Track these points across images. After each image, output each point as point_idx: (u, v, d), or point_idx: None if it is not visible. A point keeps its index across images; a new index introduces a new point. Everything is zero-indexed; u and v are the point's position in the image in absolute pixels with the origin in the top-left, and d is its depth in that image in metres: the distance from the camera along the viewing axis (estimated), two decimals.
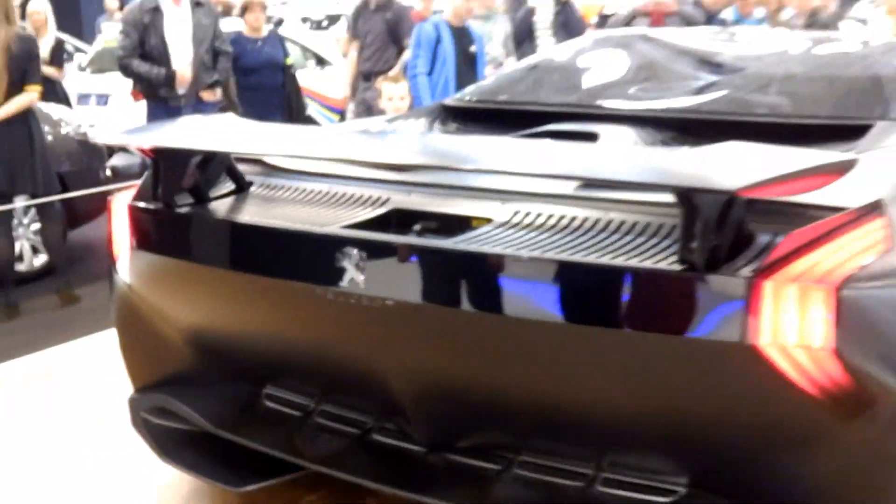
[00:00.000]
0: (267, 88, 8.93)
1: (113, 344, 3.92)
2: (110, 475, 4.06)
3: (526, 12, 9.92)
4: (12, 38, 6.48)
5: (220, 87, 7.67)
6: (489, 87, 4.58)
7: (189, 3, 7.45)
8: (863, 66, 4.41)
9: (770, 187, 2.40)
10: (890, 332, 2.54)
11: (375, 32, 9.47)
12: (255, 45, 8.90)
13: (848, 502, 2.67)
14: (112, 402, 4.39)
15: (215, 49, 7.63)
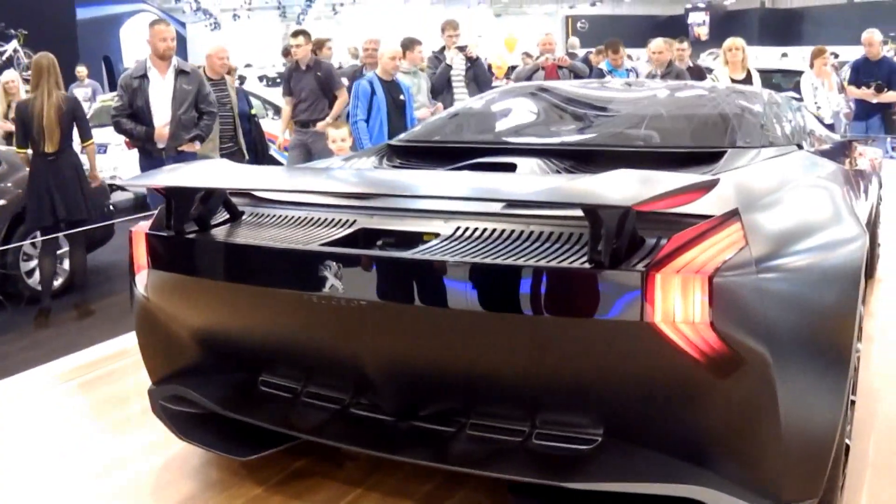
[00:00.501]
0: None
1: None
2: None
3: (444, 67, 9.96)
4: (62, 99, 7.33)
5: (201, 140, 7.58)
6: (424, 131, 4.64)
7: (174, 71, 7.39)
8: (712, 105, 4.55)
9: (656, 202, 2.53)
10: (750, 307, 2.65)
11: (309, 88, 9.42)
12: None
13: (727, 441, 2.78)
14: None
15: (199, 109, 7.56)
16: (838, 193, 3.75)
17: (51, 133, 7.22)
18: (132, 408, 4.55)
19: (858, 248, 3.21)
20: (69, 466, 3.98)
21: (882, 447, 3.97)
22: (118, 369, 5.22)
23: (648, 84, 6.57)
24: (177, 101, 7.34)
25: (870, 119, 10.41)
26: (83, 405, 4.71)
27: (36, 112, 7.17)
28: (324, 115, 9.39)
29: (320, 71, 9.57)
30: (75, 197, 7.43)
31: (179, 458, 3.97)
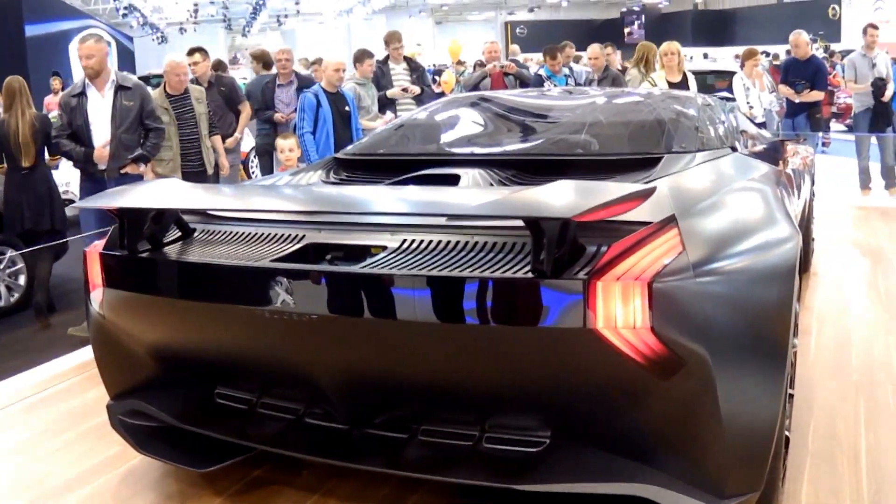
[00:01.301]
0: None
1: None
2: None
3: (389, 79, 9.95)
4: (35, 117, 7.41)
5: (145, 161, 7.06)
6: (370, 143, 4.64)
7: (113, 87, 6.90)
8: (649, 111, 4.59)
9: (596, 213, 2.56)
10: (688, 310, 2.70)
11: (214, 104, 9.09)
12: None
13: (671, 439, 2.83)
14: None
15: (145, 126, 7.05)
16: (771, 194, 3.81)
17: (27, 149, 7.35)
18: (90, 423, 4.51)
19: (792, 249, 3.27)
20: (29, 484, 3.94)
21: (820, 437, 4.04)
22: (75, 385, 5.17)
23: (586, 91, 6.63)
24: (116, 119, 6.84)
25: (796, 117, 10.56)
26: (41, 422, 4.64)
27: (12, 130, 7.30)
28: (231, 131, 9.27)
29: (223, 86, 9.45)
30: (49, 208, 7.56)
31: (139, 471, 3.95)
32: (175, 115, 8.02)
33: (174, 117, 7.98)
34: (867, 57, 10.59)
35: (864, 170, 10.81)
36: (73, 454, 4.19)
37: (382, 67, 9.96)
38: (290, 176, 4.33)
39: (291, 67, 9.83)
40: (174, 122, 7.97)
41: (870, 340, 5.39)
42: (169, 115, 7.90)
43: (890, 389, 4.58)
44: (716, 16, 45.46)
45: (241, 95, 9.70)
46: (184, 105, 8.15)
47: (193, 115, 8.19)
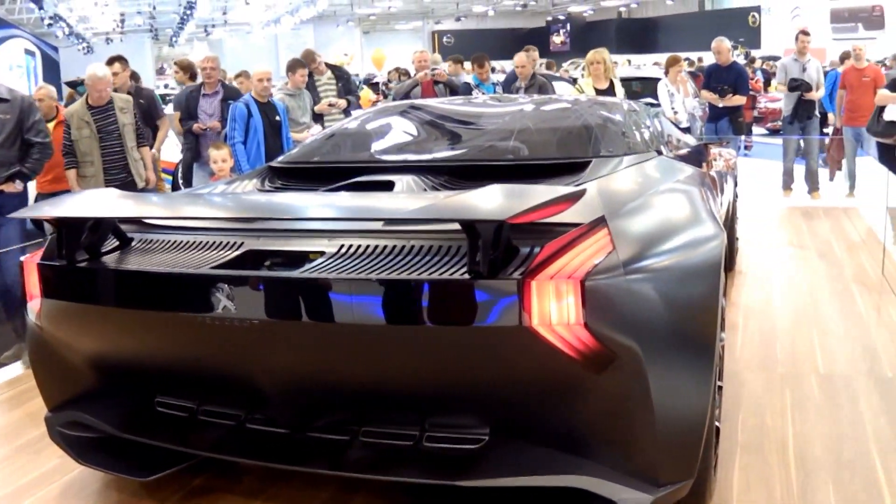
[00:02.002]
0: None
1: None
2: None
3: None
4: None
5: (23, 178, 6.58)
6: (303, 152, 4.64)
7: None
8: (576, 117, 4.66)
9: (529, 214, 2.63)
10: (620, 306, 2.78)
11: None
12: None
13: (606, 431, 2.90)
14: None
15: (26, 141, 6.57)
16: (696, 195, 3.90)
17: None
18: (24, 438, 4.45)
19: (717, 246, 3.37)
20: None
21: (748, 427, 4.16)
22: (4, 401, 5.09)
23: (515, 99, 6.70)
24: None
25: (719, 121, 10.77)
26: None
27: None
28: (151, 143, 8.77)
29: (142, 98, 8.96)
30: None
31: (78, 483, 3.92)
32: (97, 127, 7.75)
33: (95, 131, 7.73)
34: (798, 61, 10.85)
35: (788, 171, 11.09)
36: (8, 470, 4.13)
37: (308, 79, 10.00)
38: (224, 185, 4.33)
39: (217, 77, 9.37)
40: (95, 136, 7.72)
41: (793, 334, 5.54)
42: (90, 129, 7.70)
43: (814, 381, 4.72)
44: (639, 24, 46.09)
45: (161, 110, 9.45)
46: (107, 117, 7.85)
47: (117, 126, 7.86)
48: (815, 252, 7.90)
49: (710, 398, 3.08)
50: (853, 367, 4.94)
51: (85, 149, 7.75)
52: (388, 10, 45.53)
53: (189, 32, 44.03)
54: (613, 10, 47.16)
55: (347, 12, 46.17)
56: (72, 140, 7.76)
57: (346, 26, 48.86)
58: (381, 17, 49.57)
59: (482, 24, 49.67)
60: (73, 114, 7.84)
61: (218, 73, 9.41)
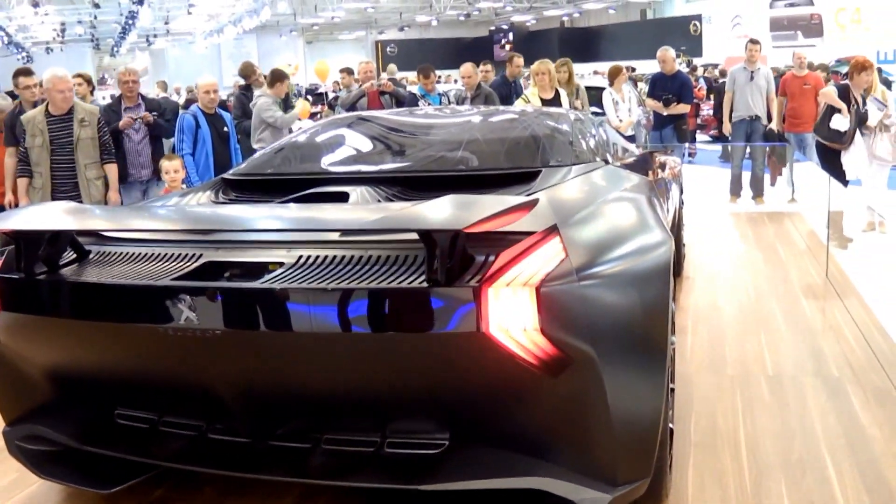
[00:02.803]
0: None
1: None
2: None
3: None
4: None
5: None
6: (256, 163, 4.62)
7: None
8: (525, 128, 4.70)
9: (484, 223, 2.70)
10: (574, 312, 2.85)
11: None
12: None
13: (564, 434, 2.97)
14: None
15: None
16: (644, 203, 3.98)
17: None
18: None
19: (665, 252, 3.45)
20: None
21: (701, 428, 4.26)
22: None
23: (463, 110, 6.75)
24: None
25: (664, 129, 10.93)
26: None
27: None
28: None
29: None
30: None
31: (39, 495, 3.91)
32: (50, 138, 7.37)
33: (48, 141, 7.35)
34: (747, 70, 11.03)
35: (736, 178, 11.27)
36: None
37: (246, 94, 10.04)
38: (178, 197, 4.33)
39: (138, 90, 8.61)
40: (47, 147, 7.34)
41: (742, 337, 5.67)
42: (42, 138, 7.34)
43: (763, 382, 4.84)
44: (582, 33, 46.46)
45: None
46: (63, 127, 7.42)
47: (70, 139, 7.41)
48: (760, 256, 8.06)
49: (664, 398, 3.16)
50: (800, 367, 5.07)
51: (35, 158, 7.44)
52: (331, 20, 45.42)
53: (131, 42, 43.67)
54: (556, 19, 47.49)
55: (290, 22, 46.05)
56: (26, 147, 7.45)
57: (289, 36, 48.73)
58: (324, 27, 49.47)
59: (425, 34, 49.79)
60: (30, 120, 7.47)
61: (139, 87, 8.74)
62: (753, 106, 10.96)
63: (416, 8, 45.00)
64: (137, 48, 47.29)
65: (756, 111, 10.97)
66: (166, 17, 40.76)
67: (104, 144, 7.61)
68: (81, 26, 40.72)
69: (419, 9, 44.98)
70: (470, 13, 44.88)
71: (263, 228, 3.37)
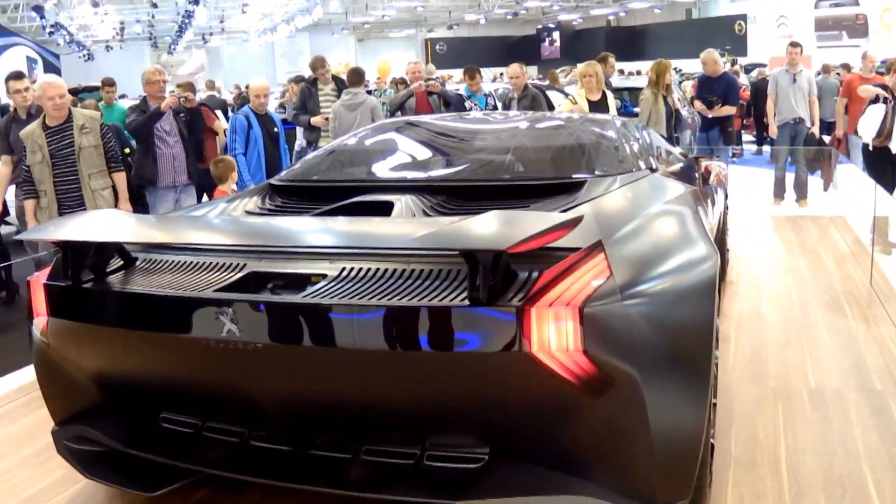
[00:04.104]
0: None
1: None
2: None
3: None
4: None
5: None
6: (303, 169, 4.61)
7: None
8: (571, 136, 4.65)
9: (528, 243, 2.63)
10: (617, 332, 2.77)
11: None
12: None
13: (604, 453, 2.90)
14: None
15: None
16: (690, 215, 3.89)
17: None
18: (28, 449, 4.44)
19: (711, 267, 3.35)
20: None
21: (741, 442, 4.15)
22: (8, 412, 5.07)
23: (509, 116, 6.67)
24: None
25: (710, 131, 10.79)
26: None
27: None
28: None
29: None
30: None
31: (84, 494, 3.92)
32: (50, 151, 6.66)
33: (48, 155, 6.65)
34: (789, 72, 10.86)
35: (780, 181, 11.08)
36: (14, 481, 4.13)
37: (311, 88, 9.96)
38: (225, 203, 4.31)
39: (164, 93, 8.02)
40: (48, 162, 6.65)
41: (784, 348, 5.53)
42: (42, 153, 6.65)
43: (805, 395, 4.71)
44: (628, 32, 46.13)
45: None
46: (62, 138, 6.72)
47: (71, 150, 6.72)
48: (804, 262, 7.90)
49: (706, 418, 3.08)
50: (843, 381, 4.93)
51: (38, 176, 6.71)
52: (381, 18, 45.46)
53: (187, 40, 44.02)
54: (602, 18, 47.26)
55: (342, 20, 46.14)
56: (28, 165, 6.79)
57: (340, 34, 48.83)
58: (374, 25, 49.54)
59: (474, 32, 49.72)
60: (28, 135, 6.78)
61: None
62: (797, 108, 10.79)
63: (464, 6, 44.90)
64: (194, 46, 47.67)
65: (799, 113, 10.82)
66: (221, 15, 41.04)
67: (110, 151, 6.95)
68: (140, 25, 41.11)
69: (468, 7, 44.89)
70: (517, 12, 44.71)
71: (307, 244, 3.32)
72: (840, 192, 11.04)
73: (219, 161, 7.58)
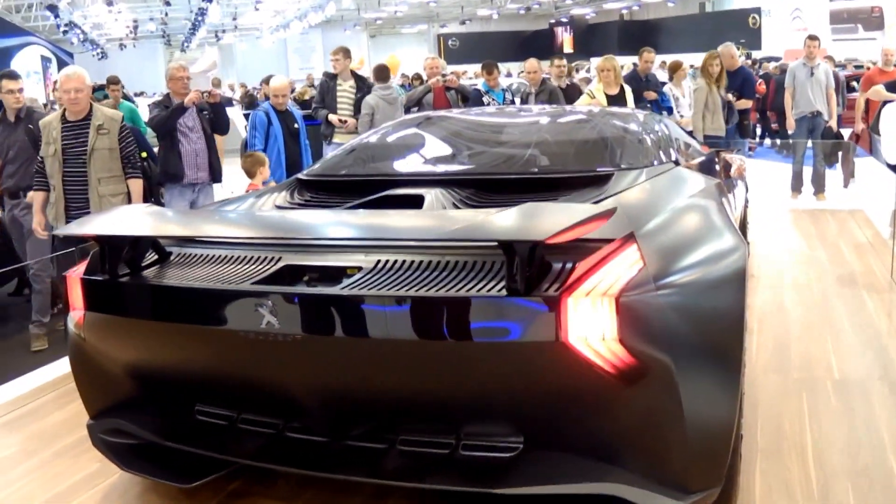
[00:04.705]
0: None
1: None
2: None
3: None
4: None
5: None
6: (330, 164, 4.65)
7: None
8: (595, 129, 4.68)
9: (565, 233, 2.67)
10: (652, 321, 2.81)
11: (18, 146, 7.15)
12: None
13: (638, 441, 2.94)
14: None
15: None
16: (716, 207, 3.93)
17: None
18: (63, 442, 4.49)
19: (740, 258, 3.39)
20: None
21: (768, 433, 4.18)
22: (41, 405, 5.12)
23: (533, 110, 6.70)
24: None
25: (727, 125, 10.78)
26: (11, 444, 4.60)
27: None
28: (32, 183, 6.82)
29: (31, 123, 7.09)
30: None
31: (119, 486, 3.96)
32: (63, 147, 6.39)
33: (60, 150, 6.39)
34: (807, 66, 10.85)
35: (797, 174, 11.08)
36: (50, 473, 4.17)
37: (330, 82, 9.94)
38: (255, 198, 4.35)
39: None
40: (59, 158, 6.38)
41: (807, 338, 5.56)
42: (55, 147, 6.39)
43: (829, 386, 4.74)
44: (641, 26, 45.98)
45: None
46: (77, 136, 6.44)
47: (84, 149, 6.41)
48: (824, 255, 7.91)
49: (738, 406, 3.12)
50: (867, 372, 4.96)
51: (49, 170, 6.46)
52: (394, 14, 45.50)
53: (200, 38, 44.13)
54: (615, 12, 47.11)
55: (354, 17, 46.21)
56: (42, 157, 6.52)
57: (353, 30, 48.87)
58: (387, 21, 49.59)
59: (486, 27, 49.69)
60: (46, 125, 6.52)
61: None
62: (814, 102, 10.79)
63: (477, 2, 44.85)
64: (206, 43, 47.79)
65: (817, 107, 10.81)
66: (234, 13, 41.11)
67: (128, 157, 6.58)
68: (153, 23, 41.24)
69: (480, 2, 44.84)
70: (530, 6, 44.62)
71: (344, 235, 3.37)
72: (858, 186, 11.00)
73: (248, 155, 7.65)
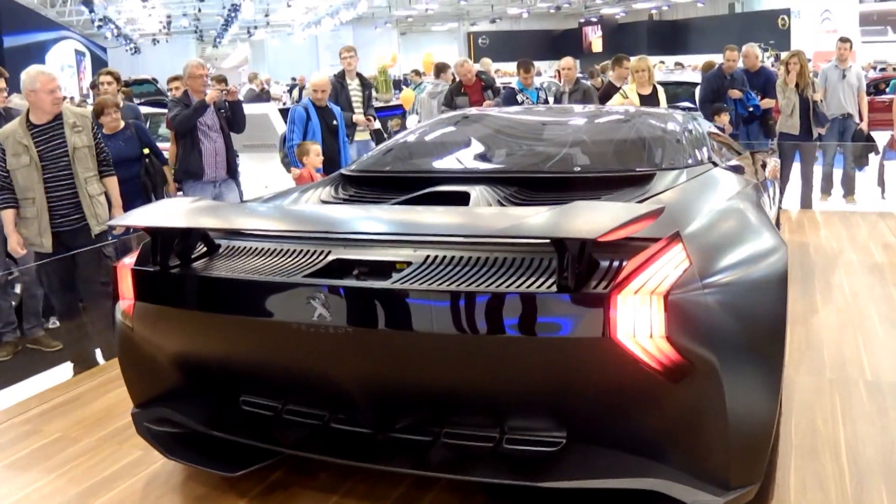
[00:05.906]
0: (123, 180, 6.65)
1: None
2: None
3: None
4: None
5: None
6: (373, 160, 4.70)
7: None
8: (634, 128, 4.69)
9: (617, 231, 2.70)
10: (699, 319, 2.84)
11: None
12: (110, 141, 6.89)
13: (681, 438, 2.96)
14: None
15: None
16: (756, 207, 3.95)
17: None
18: (106, 429, 4.55)
19: (781, 258, 3.42)
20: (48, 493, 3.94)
21: (802, 431, 4.19)
22: (85, 393, 5.17)
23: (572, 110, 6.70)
24: None
25: (750, 125, 10.75)
26: (56, 430, 4.65)
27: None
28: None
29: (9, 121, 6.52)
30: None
31: (163, 474, 4.00)
32: (38, 153, 5.85)
33: (37, 157, 5.84)
34: (839, 68, 10.82)
35: (827, 176, 11.03)
36: (94, 460, 4.22)
37: (342, 81, 10.03)
38: (299, 193, 4.39)
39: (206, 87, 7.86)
40: (37, 166, 5.84)
41: (839, 339, 5.55)
42: (29, 155, 5.85)
43: (862, 387, 4.73)
44: (670, 26, 45.90)
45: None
46: (52, 137, 5.95)
47: (65, 150, 5.96)
48: (855, 257, 7.88)
49: (778, 403, 3.15)
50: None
51: (24, 182, 5.87)
52: (424, 12, 45.58)
53: (232, 34, 44.32)
54: (645, 12, 47.05)
55: (385, 14, 46.30)
56: (7, 170, 5.90)
57: (383, 28, 48.98)
58: (417, 18, 49.66)
59: (516, 26, 49.71)
60: (7, 136, 5.91)
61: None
62: (846, 104, 10.74)
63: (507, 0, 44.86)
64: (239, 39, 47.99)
65: (848, 109, 10.77)
66: (266, 9, 41.32)
67: (102, 153, 6.25)
68: (186, 19, 41.50)
69: (511, 1, 44.84)
70: (560, 5, 44.58)
71: (394, 230, 3.38)
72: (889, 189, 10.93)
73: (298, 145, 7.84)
